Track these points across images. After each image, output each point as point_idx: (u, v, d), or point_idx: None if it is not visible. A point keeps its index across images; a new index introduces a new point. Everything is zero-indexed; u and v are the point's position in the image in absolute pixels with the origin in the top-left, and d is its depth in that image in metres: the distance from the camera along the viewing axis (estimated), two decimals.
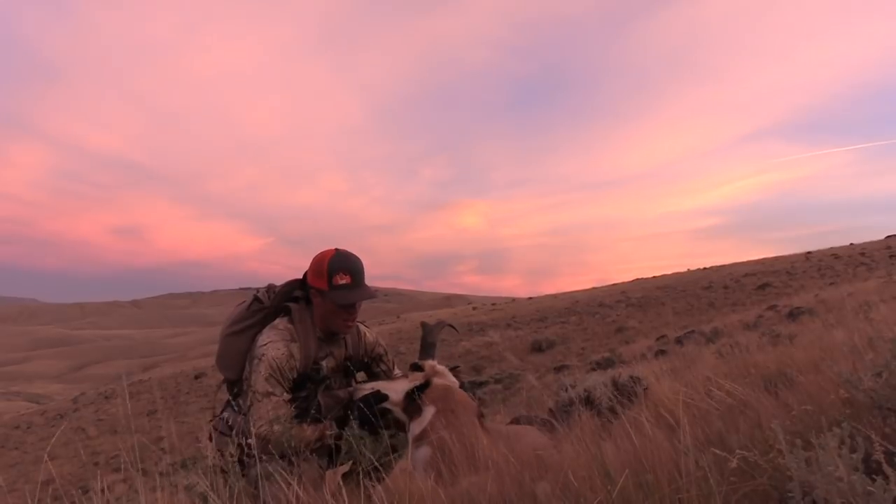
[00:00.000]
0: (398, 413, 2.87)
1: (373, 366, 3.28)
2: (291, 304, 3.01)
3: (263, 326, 2.98)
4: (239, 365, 3.01)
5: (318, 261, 2.93)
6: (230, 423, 2.97)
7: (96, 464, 20.05)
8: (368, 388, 2.95)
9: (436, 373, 2.93)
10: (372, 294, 2.97)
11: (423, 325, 3.24)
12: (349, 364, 3.15)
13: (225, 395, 3.16)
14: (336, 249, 2.95)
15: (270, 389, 2.78)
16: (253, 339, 2.96)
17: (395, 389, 2.89)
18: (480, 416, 2.82)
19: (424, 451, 2.61)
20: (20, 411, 54.84)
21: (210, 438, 2.99)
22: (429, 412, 2.74)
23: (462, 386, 2.95)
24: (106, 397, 41.20)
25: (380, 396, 2.86)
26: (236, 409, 3.00)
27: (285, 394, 2.83)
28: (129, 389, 34.47)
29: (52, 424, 35.49)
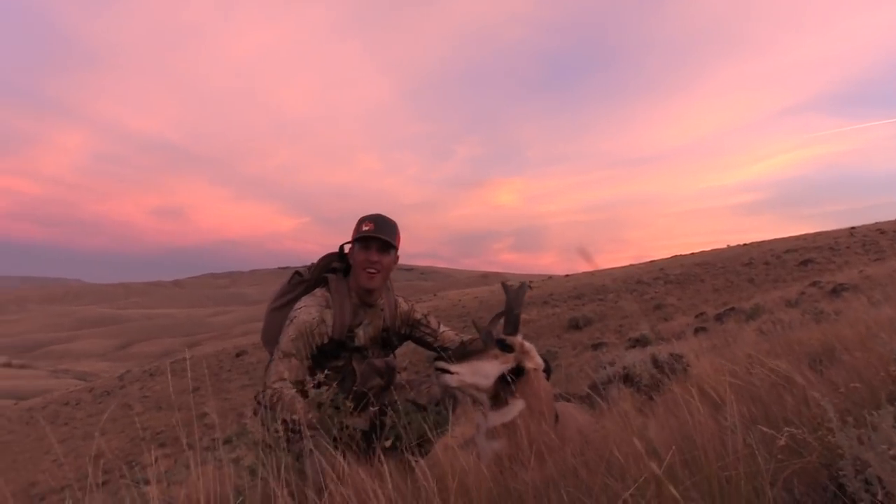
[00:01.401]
0: (483, 399, 2.56)
1: (414, 332, 3.30)
2: (329, 275, 3.09)
3: None
4: None
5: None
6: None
7: (143, 439, 20.63)
8: (455, 370, 2.56)
9: (524, 352, 2.63)
10: (387, 238, 2.96)
11: (505, 288, 2.80)
12: (387, 335, 3.19)
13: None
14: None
15: (293, 352, 2.85)
16: None
17: (486, 374, 2.54)
18: (556, 416, 2.61)
19: (498, 446, 2.41)
20: (69, 388, 56.69)
21: (255, 413, 3.05)
22: (516, 407, 2.48)
23: (545, 368, 2.74)
24: (151, 375, 42.32)
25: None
26: None
27: (305, 360, 2.89)
28: (173, 367, 35.32)
29: (100, 401, 36.64)
